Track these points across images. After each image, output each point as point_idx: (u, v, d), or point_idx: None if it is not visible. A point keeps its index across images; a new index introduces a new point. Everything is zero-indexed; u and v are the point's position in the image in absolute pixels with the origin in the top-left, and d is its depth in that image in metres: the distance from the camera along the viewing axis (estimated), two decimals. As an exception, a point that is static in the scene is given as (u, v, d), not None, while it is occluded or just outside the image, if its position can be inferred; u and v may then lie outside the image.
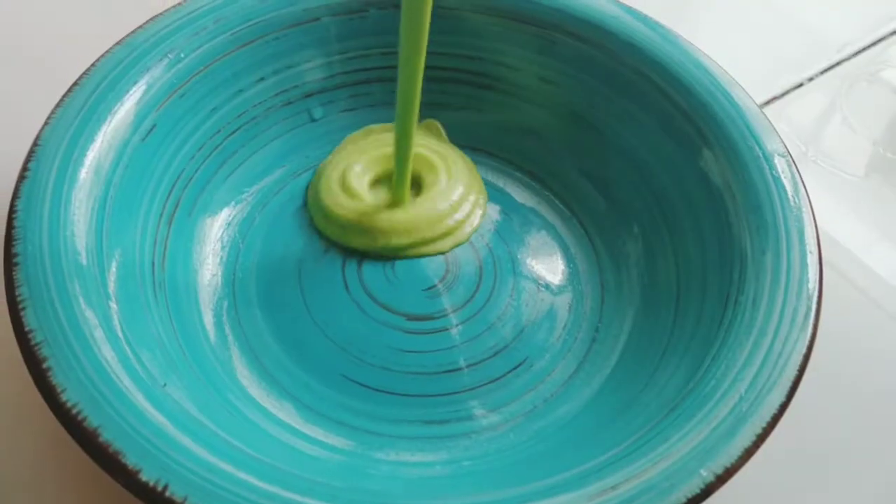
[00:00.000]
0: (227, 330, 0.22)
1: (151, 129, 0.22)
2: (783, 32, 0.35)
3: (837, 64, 0.34)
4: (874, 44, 0.35)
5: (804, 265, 0.20)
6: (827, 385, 0.23)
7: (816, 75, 0.33)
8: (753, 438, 0.17)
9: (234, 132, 0.24)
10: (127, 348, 0.17)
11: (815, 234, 0.20)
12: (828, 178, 0.30)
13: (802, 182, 0.21)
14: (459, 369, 0.22)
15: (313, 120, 0.26)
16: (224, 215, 0.24)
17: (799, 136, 0.31)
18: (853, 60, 0.34)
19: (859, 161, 0.31)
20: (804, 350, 0.18)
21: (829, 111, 0.32)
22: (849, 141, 0.31)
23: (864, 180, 0.30)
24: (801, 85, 0.33)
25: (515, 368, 0.22)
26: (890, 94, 0.33)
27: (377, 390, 0.21)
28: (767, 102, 0.32)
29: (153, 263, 0.21)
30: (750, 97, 0.23)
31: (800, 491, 0.22)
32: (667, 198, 0.23)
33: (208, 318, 0.22)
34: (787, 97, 0.32)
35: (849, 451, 0.23)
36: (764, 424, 0.17)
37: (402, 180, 0.24)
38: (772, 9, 0.37)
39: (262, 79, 0.24)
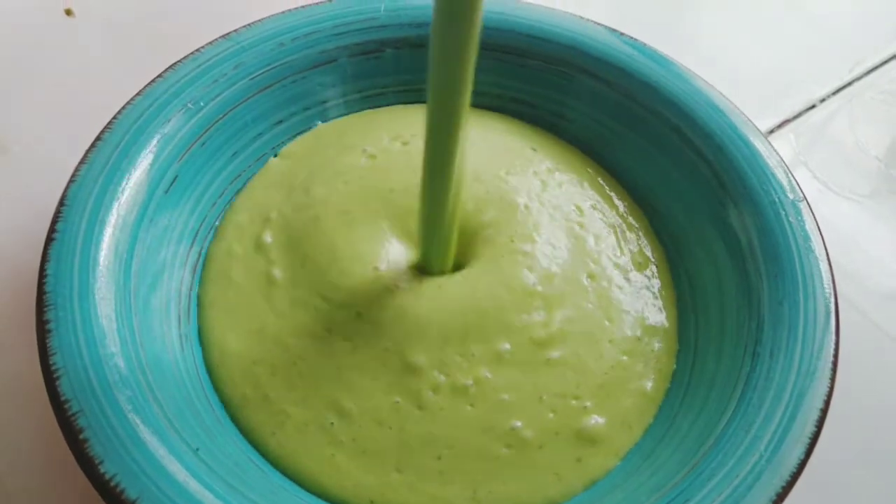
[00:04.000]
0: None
1: (174, 181, 0.22)
2: (795, 54, 0.35)
3: (849, 84, 0.34)
4: (885, 62, 0.35)
5: (823, 315, 0.20)
6: (841, 423, 0.23)
7: (829, 95, 0.33)
8: (773, 497, 0.17)
9: (254, 175, 0.24)
10: (160, 413, 0.18)
11: (831, 282, 0.20)
12: (839, 200, 0.30)
13: (818, 227, 0.22)
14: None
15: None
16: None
17: (810, 158, 0.31)
18: (865, 79, 0.34)
19: (870, 182, 0.31)
20: (822, 405, 0.19)
21: (840, 132, 0.32)
22: (859, 161, 0.31)
23: (876, 202, 0.30)
24: (813, 106, 0.33)
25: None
26: (900, 112, 0.33)
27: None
28: (780, 126, 0.32)
29: (179, 317, 0.21)
30: (765, 138, 0.23)
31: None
32: (685, 242, 0.23)
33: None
34: (799, 119, 0.32)
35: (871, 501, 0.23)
36: (784, 483, 0.17)
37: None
38: (783, 31, 0.36)
39: (280, 121, 0.25)
